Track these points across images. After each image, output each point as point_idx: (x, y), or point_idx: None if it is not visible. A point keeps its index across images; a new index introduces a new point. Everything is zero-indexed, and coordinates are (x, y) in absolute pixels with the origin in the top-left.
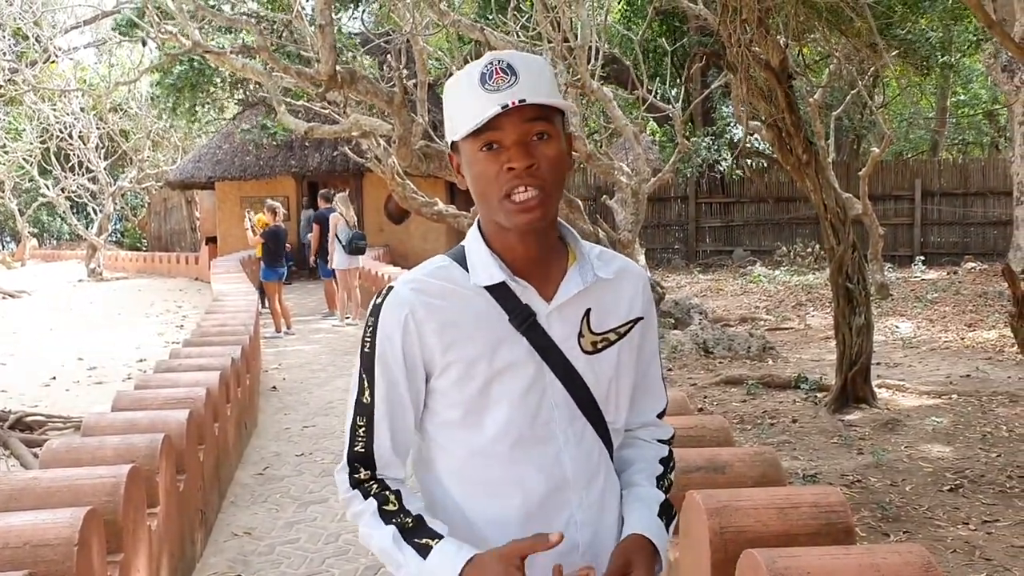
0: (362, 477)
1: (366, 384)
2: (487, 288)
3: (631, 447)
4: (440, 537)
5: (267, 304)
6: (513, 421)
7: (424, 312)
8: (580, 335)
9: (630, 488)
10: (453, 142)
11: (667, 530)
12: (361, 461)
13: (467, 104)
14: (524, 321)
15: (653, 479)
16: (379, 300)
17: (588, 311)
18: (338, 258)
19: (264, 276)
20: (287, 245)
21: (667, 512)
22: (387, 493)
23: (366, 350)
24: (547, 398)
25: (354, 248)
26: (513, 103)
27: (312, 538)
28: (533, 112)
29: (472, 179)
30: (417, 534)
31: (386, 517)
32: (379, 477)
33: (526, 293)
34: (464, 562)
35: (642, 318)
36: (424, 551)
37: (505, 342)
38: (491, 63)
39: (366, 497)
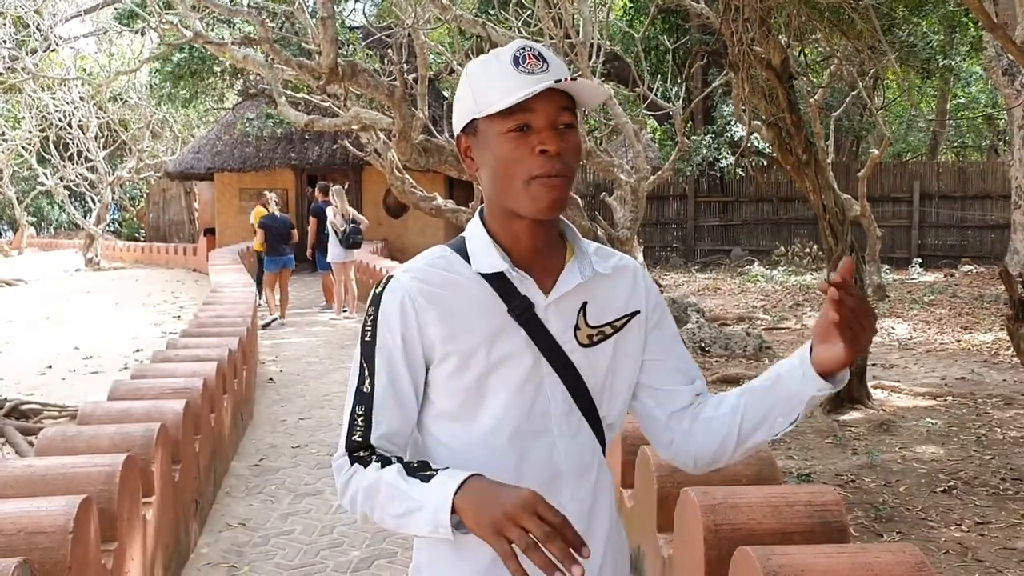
0: (362, 455)
1: (366, 373)
2: (487, 278)
3: (703, 406)
4: (445, 468)
5: (263, 296)
6: (510, 412)
7: (424, 301)
8: (576, 328)
9: (747, 391)
10: (470, 123)
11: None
12: (360, 449)
13: (499, 84)
14: (523, 312)
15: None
16: (379, 289)
17: (585, 305)
18: (333, 252)
19: (265, 267)
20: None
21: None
22: (389, 457)
23: (366, 339)
24: (543, 390)
25: (350, 242)
26: (566, 79)
27: (307, 530)
28: (564, 100)
29: (493, 160)
30: (422, 469)
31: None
32: (379, 453)
33: (525, 284)
34: (467, 475)
35: (639, 312)
36: (428, 479)
37: (503, 333)
38: (523, 48)
39: (367, 465)
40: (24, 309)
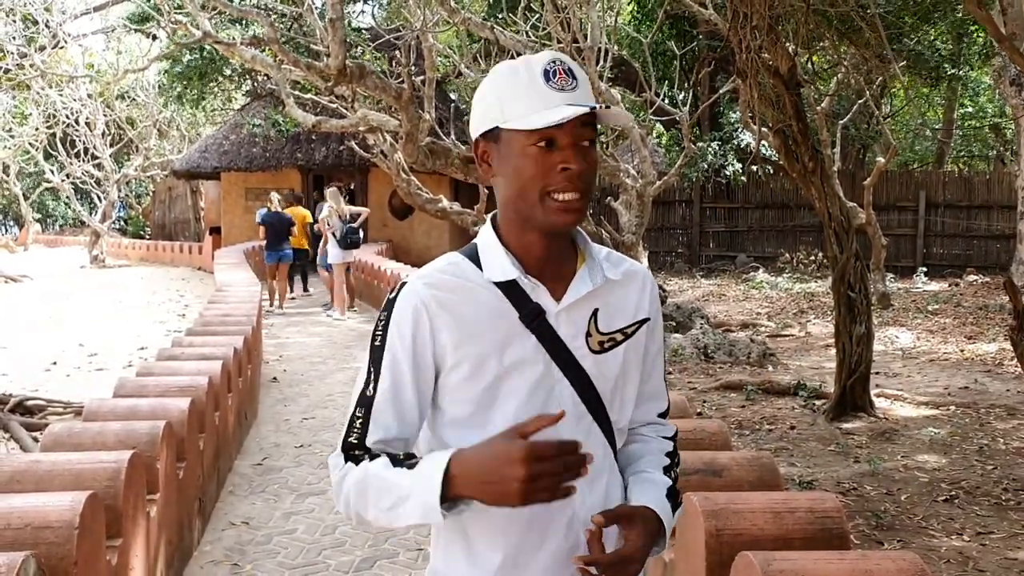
0: (356, 455)
1: (371, 377)
2: (499, 285)
3: (636, 442)
4: (430, 452)
5: (293, 289)
6: (520, 418)
7: (436, 307)
8: (588, 335)
9: (637, 474)
10: (492, 130)
11: (672, 515)
12: (355, 450)
13: (528, 96)
14: (534, 319)
15: (660, 468)
16: (392, 295)
17: (596, 311)
18: (333, 252)
19: (265, 259)
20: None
21: (674, 497)
22: (379, 455)
23: (376, 343)
24: (554, 396)
25: (348, 242)
26: (602, 106)
27: (309, 529)
28: (587, 118)
29: (514, 171)
30: (408, 459)
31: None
32: (372, 453)
33: (536, 291)
34: (450, 456)
35: (648, 319)
36: (413, 466)
37: (514, 339)
38: (553, 62)
39: (358, 463)
40: (29, 306)
